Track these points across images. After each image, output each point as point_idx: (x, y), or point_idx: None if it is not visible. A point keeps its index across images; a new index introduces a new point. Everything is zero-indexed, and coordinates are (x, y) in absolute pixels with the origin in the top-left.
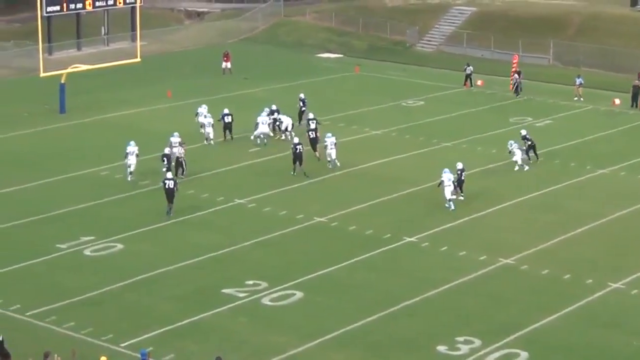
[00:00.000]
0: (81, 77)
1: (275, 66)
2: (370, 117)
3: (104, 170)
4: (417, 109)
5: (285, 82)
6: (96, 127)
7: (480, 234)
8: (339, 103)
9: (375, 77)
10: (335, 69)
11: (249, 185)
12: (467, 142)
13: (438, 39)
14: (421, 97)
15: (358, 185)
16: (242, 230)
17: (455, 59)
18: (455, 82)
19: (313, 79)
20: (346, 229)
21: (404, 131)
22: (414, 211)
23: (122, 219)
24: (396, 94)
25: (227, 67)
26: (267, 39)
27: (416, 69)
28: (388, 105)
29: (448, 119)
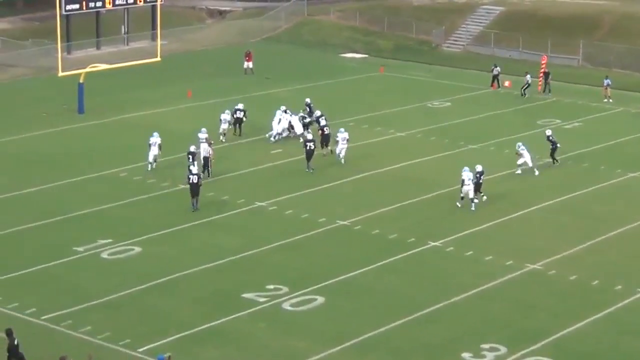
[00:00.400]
0: (100, 77)
1: (298, 66)
2: (395, 119)
3: (122, 171)
4: (443, 110)
5: (309, 82)
6: (115, 128)
7: (507, 239)
8: (363, 104)
9: (400, 78)
10: (359, 69)
11: (270, 187)
12: (494, 145)
13: (465, 39)
14: (447, 98)
15: (382, 187)
16: (263, 233)
17: (482, 60)
18: (482, 83)
19: (337, 79)
20: (369, 232)
21: (429, 133)
22: (439, 215)
23: (141, 221)
24: (422, 95)
25: (249, 67)
26: (290, 38)
27: (442, 70)
28: (413, 106)
29: (475, 120)
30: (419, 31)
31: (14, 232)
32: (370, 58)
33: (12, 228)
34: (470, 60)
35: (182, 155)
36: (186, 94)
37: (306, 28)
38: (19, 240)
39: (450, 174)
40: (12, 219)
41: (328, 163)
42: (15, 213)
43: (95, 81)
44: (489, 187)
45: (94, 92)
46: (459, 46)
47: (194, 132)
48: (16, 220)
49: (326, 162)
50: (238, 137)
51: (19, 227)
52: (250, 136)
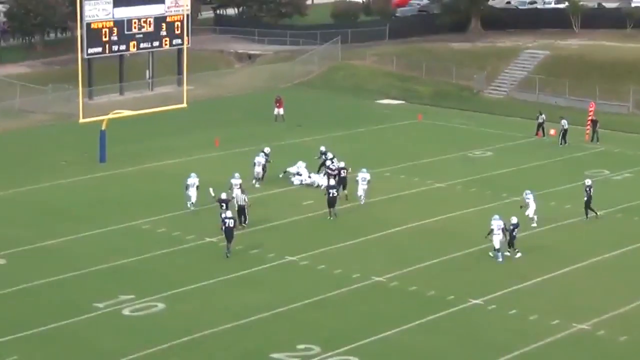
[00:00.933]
0: (123, 124)
1: (332, 113)
2: (433, 169)
3: (145, 223)
4: (485, 160)
5: (343, 130)
6: (138, 177)
7: (553, 296)
8: (400, 153)
9: (439, 126)
10: (396, 116)
11: (301, 240)
12: (539, 197)
13: (508, 85)
14: (489, 147)
15: (419, 242)
16: (293, 289)
17: (526, 107)
18: (526, 132)
19: (372, 127)
20: (406, 289)
21: (470, 184)
22: (481, 271)
23: (164, 277)
24: (462, 143)
25: (280, 114)
26: (323, 83)
27: (484, 117)
28: (453, 155)
29: (518, 171)
30: (459, 76)
31: (32, 287)
32: (408, 104)
33: (30, 282)
34: (514, 107)
35: (208, 207)
36: (213, 142)
37: (340, 73)
38: (37, 295)
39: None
40: (30, 273)
41: (362, 216)
42: (34, 266)
43: (117, 128)
44: (534, 241)
45: (116, 140)
46: (501, 92)
47: (222, 182)
48: (34, 274)
49: (360, 216)
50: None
51: (38, 281)
52: (280, 186)
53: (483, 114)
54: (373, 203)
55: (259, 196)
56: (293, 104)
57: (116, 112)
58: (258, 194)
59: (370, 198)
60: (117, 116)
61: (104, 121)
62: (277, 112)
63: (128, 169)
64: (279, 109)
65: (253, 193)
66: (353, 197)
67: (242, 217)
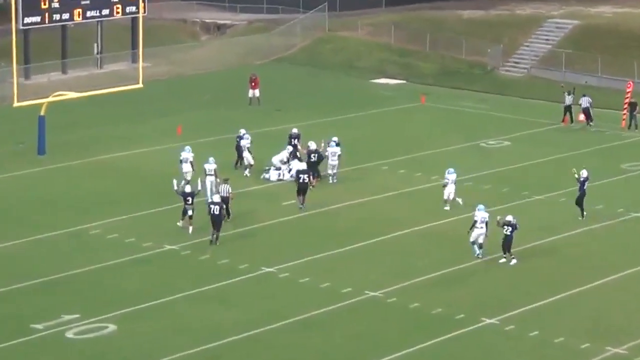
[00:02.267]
0: (67, 108)
1: (317, 95)
2: (439, 162)
3: (94, 227)
4: (501, 151)
5: (330, 115)
6: (84, 173)
7: (581, 315)
8: (400, 143)
9: (446, 110)
10: (395, 98)
11: (281, 248)
12: (565, 195)
13: (528, 61)
14: (506, 135)
15: (422, 249)
16: (271, 307)
17: (550, 87)
18: (550, 117)
19: (366, 111)
20: (407, 306)
21: (483, 180)
22: (496, 284)
23: (116, 292)
24: (473, 131)
25: (255, 96)
26: (307, 59)
27: (500, 99)
28: (463, 146)
29: (541, 164)
30: (471, 50)
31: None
32: (409, 84)
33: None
34: (535, 87)
35: (169, 207)
36: (175, 129)
37: (327, 47)
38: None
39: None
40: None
41: (353, 219)
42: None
43: (60, 114)
44: (557, 248)
45: (58, 128)
46: (520, 69)
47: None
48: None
49: (351, 218)
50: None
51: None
52: (253, 184)
53: (498, 95)
54: (366, 203)
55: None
56: (271, 84)
57: (58, 94)
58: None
59: (363, 197)
60: (60, 99)
61: (44, 105)
62: (252, 93)
63: (72, 162)
64: (254, 90)
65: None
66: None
67: (225, 211)
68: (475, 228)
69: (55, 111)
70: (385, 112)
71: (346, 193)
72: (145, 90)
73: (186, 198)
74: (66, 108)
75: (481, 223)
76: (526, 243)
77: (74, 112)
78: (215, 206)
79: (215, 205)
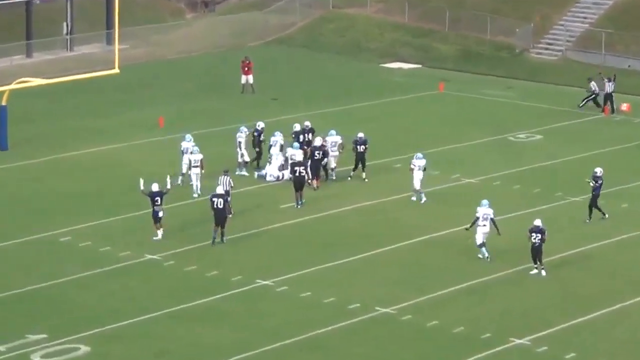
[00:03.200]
0: (31, 97)
1: (319, 82)
2: (461, 158)
3: (63, 234)
4: (532, 146)
5: (335, 105)
6: (52, 171)
7: (624, 335)
8: (415, 136)
9: (468, 98)
10: (409, 85)
11: (279, 257)
12: (606, 196)
13: (563, 42)
14: (537, 128)
15: (441, 259)
16: (267, 326)
17: (587, 71)
18: (588, 106)
19: (376, 100)
20: (424, 324)
21: (511, 179)
22: (524, 299)
23: (89, 309)
24: (500, 123)
25: (248, 82)
26: (307, 40)
27: (530, 86)
28: (487, 140)
29: (578, 161)
30: (496, 30)
31: None
32: (425, 69)
33: None
34: (571, 72)
35: (150, 211)
36: (157, 121)
37: (331, 26)
38: None
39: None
40: None
41: (361, 224)
42: None
43: (24, 103)
44: (596, 256)
45: (21, 120)
46: (554, 52)
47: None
48: None
49: (359, 223)
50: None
51: None
52: (245, 183)
53: (529, 82)
54: (376, 206)
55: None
56: (266, 69)
57: (21, 81)
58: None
59: (372, 199)
60: (23, 86)
61: (5, 94)
62: (245, 80)
63: (38, 159)
64: (246, 76)
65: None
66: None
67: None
68: (478, 226)
69: (18, 100)
70: (397, 101)
71: (352, 195)
72: (121, 77)
73: (154, 199)
74: (31, 97)
75: (484, 220)
76: (559, 252)
77: (39, 102)
78: (219, 199)
79: (218, 198)
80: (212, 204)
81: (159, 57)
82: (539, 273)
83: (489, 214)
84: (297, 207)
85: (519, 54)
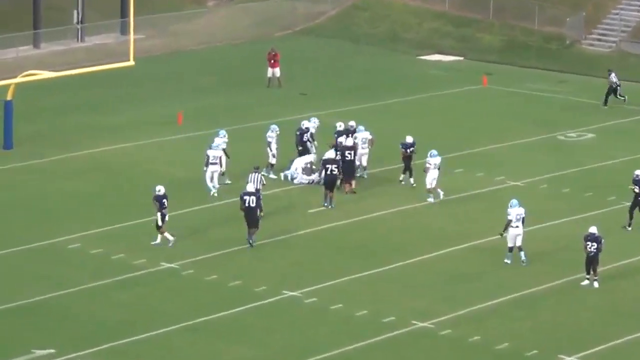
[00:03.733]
0: (39, 91)
1: (352, 75)
2: (506, 159)
3: (73, 240)
4: (583, 145)
5: (369, 100)
6: (61, 172)
7: None
8: (456, 135)
9: (514, 94)
10: (449, 79)
11: (307, 267)
12: None
13: (618, 33)
14: (589, 126)
15: (484, 269)
16: (294, 341)
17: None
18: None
19: (413, 95)
20: (465, 340)
21: (561, 181)
22: (573, 313)
23: (100, 322)
24: (548, 120)
25: (275, 76)
26: (339, 30)
27: (582, 81)
28: (535, 139)
29: (634, 162)
30: (545, 20)
31: None
32: (467, 62)
33: None
34: (627, 65)
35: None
36: (175, 118)
37: (365, 15)
38: None
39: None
40: None
41: (395, 230)
42: None
43: (31, 98)
44: None
45: (28, 116)
46: (608, 43)
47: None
48: None
49: (392, 230)
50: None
51: None
52: (272, 185)
53: (580, 75)
54: (411, 211)
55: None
56: (294, 61)
57: (28, 74)
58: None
59: (407, 203)
60: (31, 79)
61: (11, 87)
62: (271, 73)
63: (46, 159)
64: (273, 69)
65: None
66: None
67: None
68: (511, 228)
69: (24, 95)
70: (436, 96)
71: (386, 198)
72: (137, 69)
73: (162, 202)
74: (39, 91)
75: (517, 222)
76: (612, 262)
77: (48, 97)
78: (250, 197)
79: (250, 196)
80: (243, 202)
81: (177, 48)
82: (590, 284)
83: (522, 214)
84: (325, 206)
85: (569, 45)
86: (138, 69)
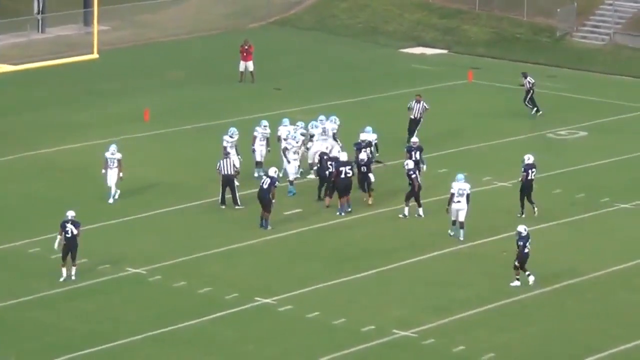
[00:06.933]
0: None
1: (330, 69)
2: (493, 158)
3: (32, 244)
4: (575, 144)
5: (348, 96)
6: (21, 172)
7: None
8: (441, 133)
9: (501, 89)
10: (434, 74)
11: (281, 273)
12: None
13: (611, 24)
14: (582, 124)
15: (467, 276)
16: (268, 352)
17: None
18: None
19: (395, 91)
20: (449, 350)
21: (551, 182)
22: (564, 321)
23: (61, 332)
24: (538, 118)
25: (247, 70)
26: (315, 22)
27: (573, 75)
28: (524, 137)
29: (629, 162)
30: (534, 10)
31: None
32: (452, 55)
33: None
34: (620, 59)
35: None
36: (141, 114)
37: (343, 5)
38: None
39: (590, 253)
40: None
41: (376, 233)
42: None
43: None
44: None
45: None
46: (600, 36)
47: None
48: None
49: (373, 233)
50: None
51: None
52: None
53: (571, 70)
54: (392, 214)
55: (214, 201)
56: (268, 54)
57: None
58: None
59: (388, 205)
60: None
61: None
62: (244, 66)
63: (4, 158)
64: (246, 62)
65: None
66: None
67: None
68: (453, 203)
69: None
70: (419, 92)
71: (366, 200)
72: (101, 63)
73: (65, 227)
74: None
75: (459, 196)
76: (605, 267)
77: (6, 92)
78: (265, 179)
79: (265, 177)
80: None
81: (145, 40)
82: (526, 280)
83: (465, 189)
84: (340, 214)
85: (560, 38)
86: (102, 63)
